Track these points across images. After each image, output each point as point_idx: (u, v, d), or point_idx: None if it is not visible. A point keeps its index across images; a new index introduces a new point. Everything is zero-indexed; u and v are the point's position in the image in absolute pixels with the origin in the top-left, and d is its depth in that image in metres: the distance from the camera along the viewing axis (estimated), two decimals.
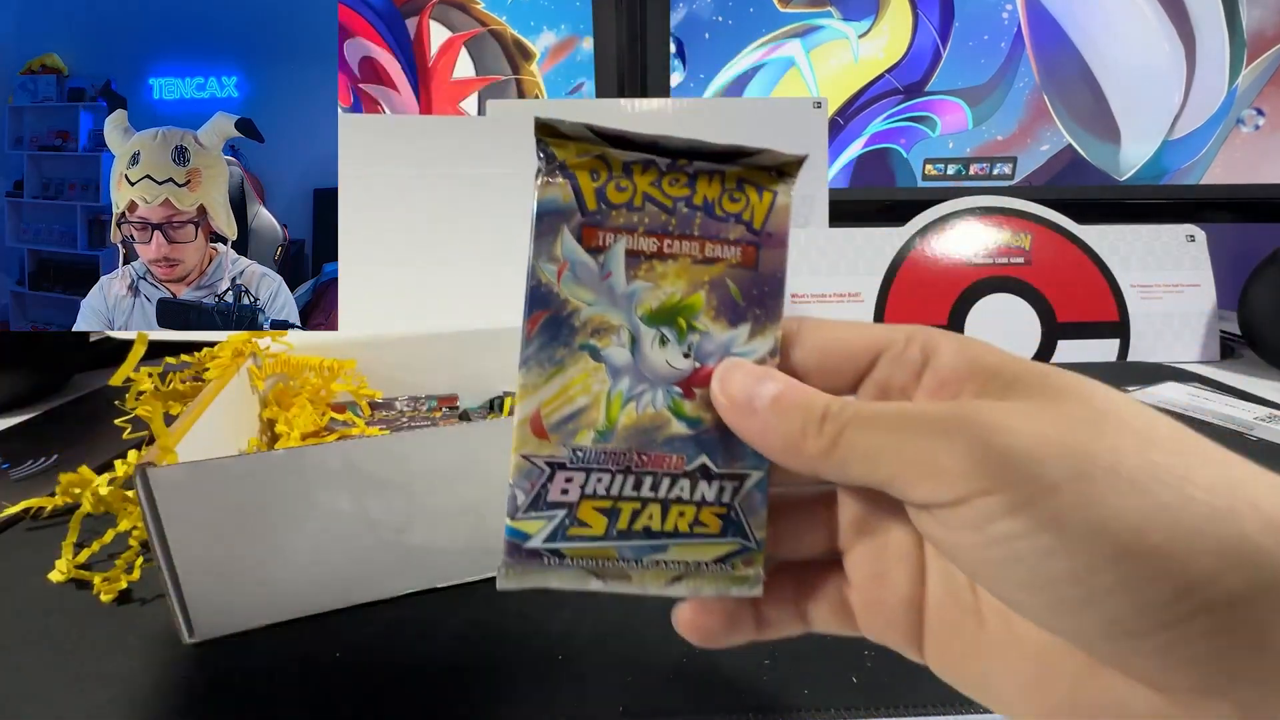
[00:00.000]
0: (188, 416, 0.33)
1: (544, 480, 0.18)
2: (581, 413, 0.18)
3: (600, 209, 0.18)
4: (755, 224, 0.19)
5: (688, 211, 0.18)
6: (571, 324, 0.18)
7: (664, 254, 0.18)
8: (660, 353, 0.18)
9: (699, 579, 0.18)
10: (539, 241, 0.18)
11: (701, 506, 0.18)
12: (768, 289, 0.19)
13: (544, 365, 0.18)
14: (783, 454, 0.17)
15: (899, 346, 0.18)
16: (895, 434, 0.15)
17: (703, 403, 0.18)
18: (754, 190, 0.19)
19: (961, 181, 0.90)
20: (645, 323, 0.18)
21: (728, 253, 0.18)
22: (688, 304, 0.18)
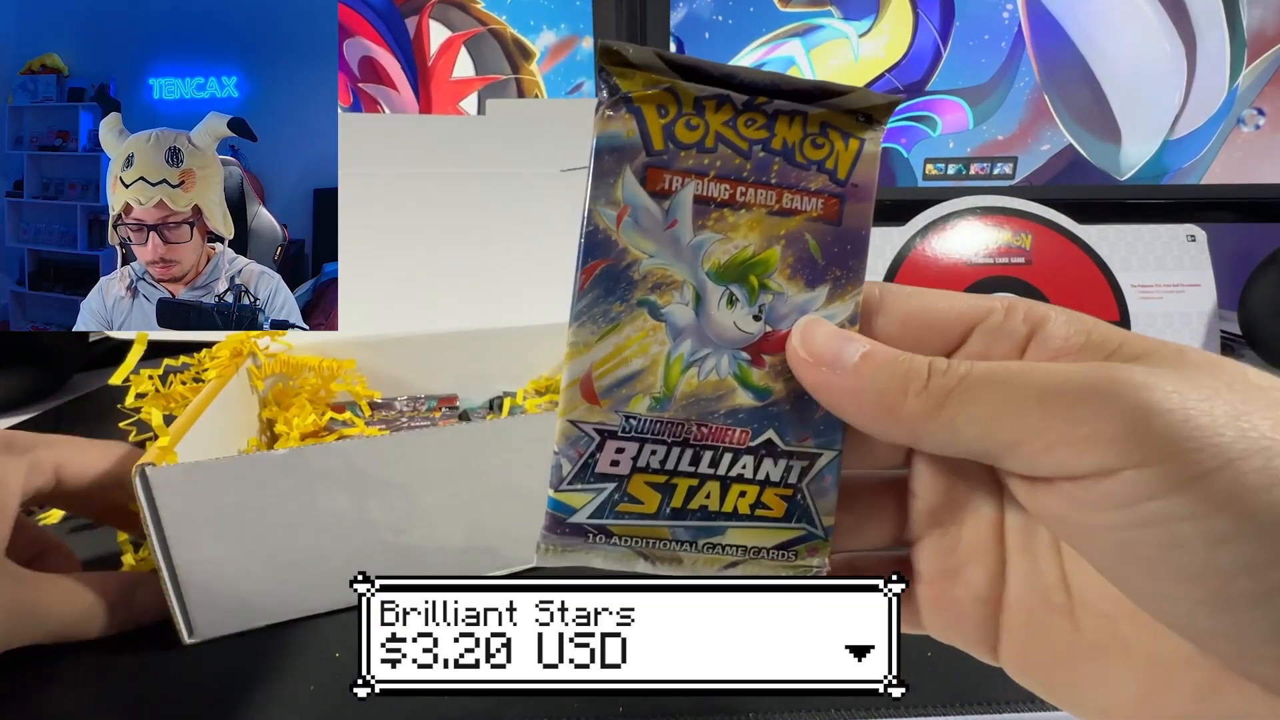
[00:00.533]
0: (188, 416, 0.33)
1: (593, 449, 0.17)
2: (637, 377, 0.16)
3: (667, 148, 0.16)
4: (839, 174, 0.17)
5: (765, 156, 0.16)
6: (630, 277, 0.16)
7: (736, 203, 0.16)
8: (728, 313, 0.16)
9: (757, 566, 0.17)
10: (597, 182, 0.16)
11: (765, 487, 0.17)
12: (850, 247, 0.17)
13: (597, 322, 0.16)
14: (876, 416, 0.15)
15: (997, 317, 0.16)
16: (1022, 395, 0.14)
17: (773, 372, 0.17)
18: (839, 136, 0.17)
19: (962, 181, 0.90)
20: (712, 279, 0.16)
21: (808, 204, 0.17)
22: (761, 260, 0.16)
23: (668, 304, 0.16)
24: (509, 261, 0.53)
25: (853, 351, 0.15)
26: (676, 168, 0.16)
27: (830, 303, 0.17)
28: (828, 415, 0.17)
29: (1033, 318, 0.16)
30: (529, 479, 0.34)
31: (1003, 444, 0.14)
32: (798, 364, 0.16)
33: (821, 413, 0.17)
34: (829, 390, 0.16)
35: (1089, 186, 0.89)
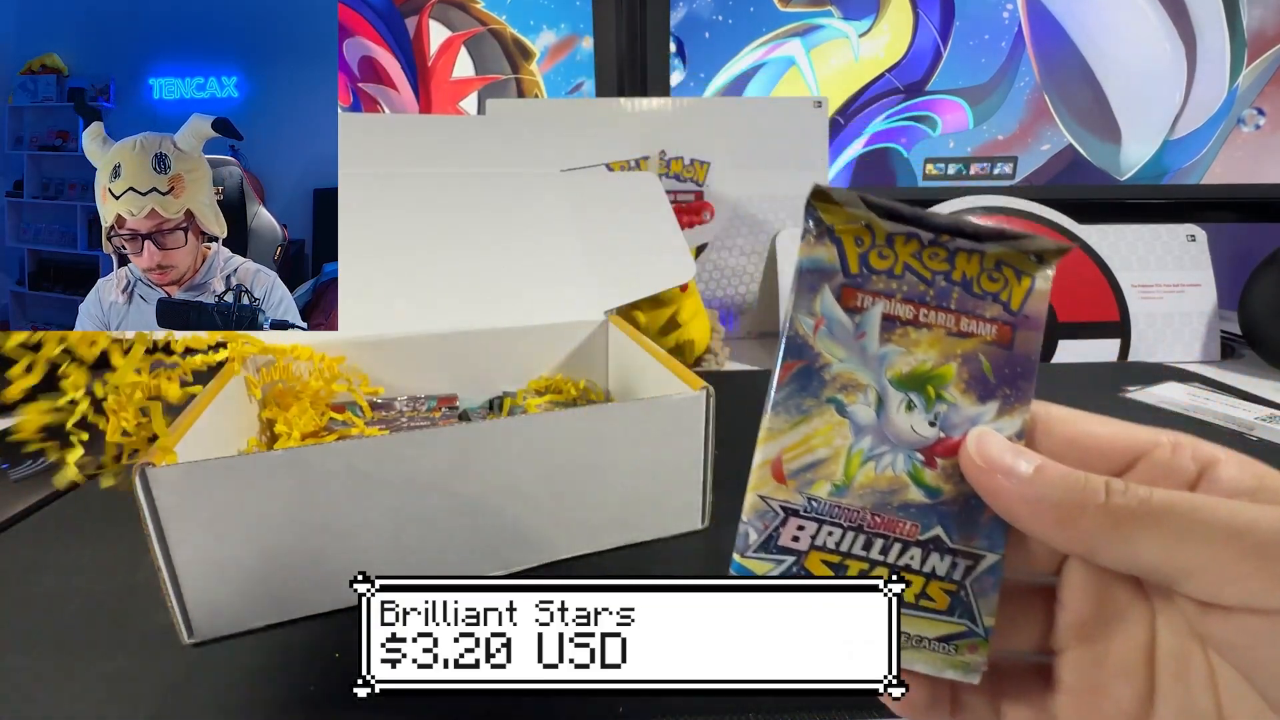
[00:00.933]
0: (187, 416, 0.33)
1: (777, 524, 0.18)
2: (821, 464, 0.18)
3: (862, 273, 0.19)
4: (1013, 305, 0.19)
5: (945, 285, 0.19)
6: (822, 377, 0.19)
7: (919, 322, 0.19)
8: (906, 417, 0.18)
9: (917, 653, 0.18)
10: (799, 296, 0.19)
11: (930, 579, 0.18)
12: (1020, 370, 0.19)
13: (790, 412, 0.19)
14: (1052, 525, 0.16)
15: (1164, 452, 0.17)
16: (1210, 526, 0.15)
17: (944, 474, 0.18)
18: (1012, 272, 0.19)
19: (962, 181, 0.89)
20: (894, 386, 0.19)
21: (983, 329, 0.19)
22: (939, 373, 0.19)
23: (853, 403, 0.19)
24: (509, 261, 0.53)
25: (1026, 463, 0.17)
26: (868, 289, 0.19)
27: (1000, 417, 0.18)
28: (993, 520, 0.18)
29: (1202, 457, 0.17)
30: (529, 479, 0.34)
31: (1184, 570, 0.15)
32: (972, 470, 0.18)
33: (987, 517, 0.18)
34: (1003, 496, 0.17)
35: (1089, 186, 0.89)
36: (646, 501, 0.37)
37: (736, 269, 0.81)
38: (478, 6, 0.87)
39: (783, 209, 0.80)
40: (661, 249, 0.57)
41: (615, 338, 0.51)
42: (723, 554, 0.34)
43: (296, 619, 0.32)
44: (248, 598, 0.30)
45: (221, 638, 0.31)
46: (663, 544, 0.37)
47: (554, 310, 0.51)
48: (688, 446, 0.37)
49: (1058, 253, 0.19)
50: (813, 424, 0.18)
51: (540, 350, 0.52)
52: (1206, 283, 0.73)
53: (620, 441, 0.35)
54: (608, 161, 0.65)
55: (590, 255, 0.55)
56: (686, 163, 0.79)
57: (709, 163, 0.79)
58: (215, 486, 0.29)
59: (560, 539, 0.36)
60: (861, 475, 0.18)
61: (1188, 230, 0.75)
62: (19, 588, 0.35)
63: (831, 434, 0.18)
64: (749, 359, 0.74)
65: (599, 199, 0.59)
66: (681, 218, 0.79)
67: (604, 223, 0.57)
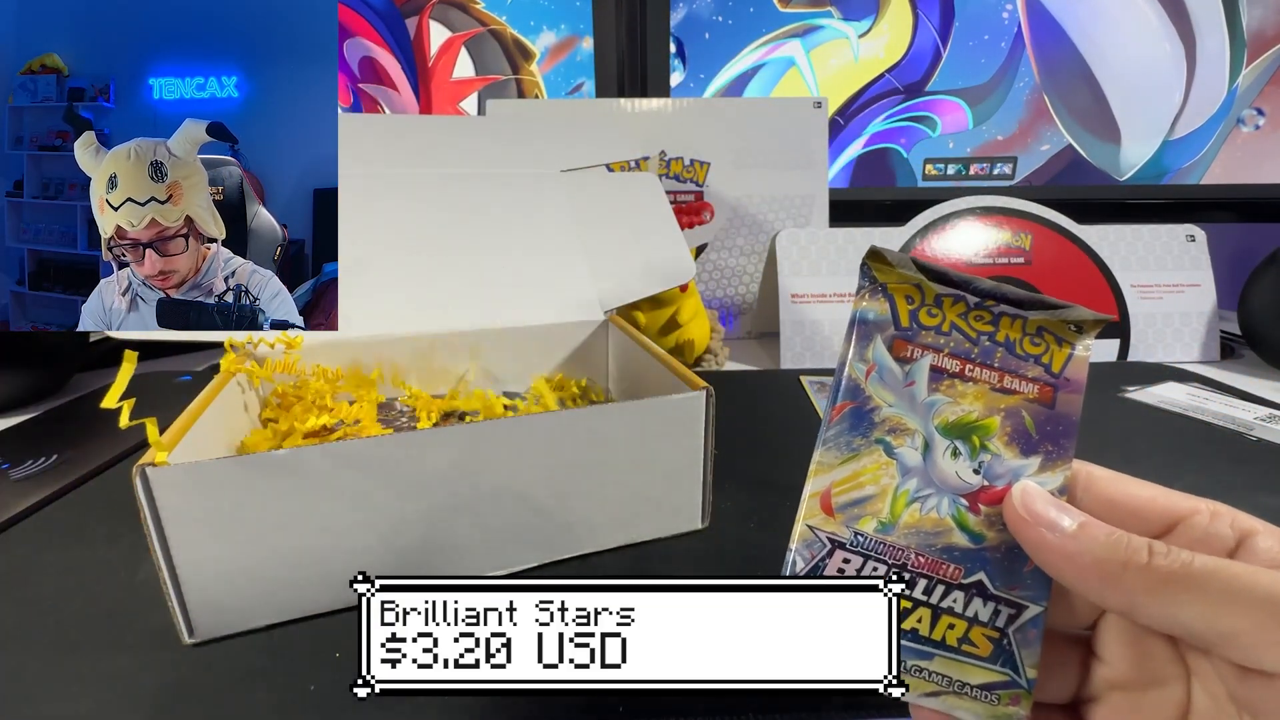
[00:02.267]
0: (188, 416, 0.33)
1: (824, 554, 0.19)
2: (868, 500, 0.19)
3: (912, 327, 0.20)
4: (1054, 368, 0.20)
5: (990, 345, 0.20)
6: (871, 419, 0.20)
7: (965, 376, 0.20)
8: (951, 463, 0.19)
9: (959, 700, 0.18)
10: (854, 343, 0.20)
11: (973, 625, 0.19)
12: (1062, 428, 0.19)
13: (841, 449, 0.19)
14: (1094, 581, 0.17)
15: (1202, 519, 0.18)
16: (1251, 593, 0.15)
17: (987, 521, 0.19)
18: (1053, 339, 0.20)
19: (961, 181, 0.90)
20: (940, 433, 0.19)
21: (1025, 388, 0.20)
22: (984, 424, 0.19)
23: (901, 446, 0.19)
24: (509, 261, 0.53)
25: (1070, 520, 0.17)
26: (918, 342, 0.20)
27: (1042, 472, 0.19)
28: (1036, 572, 0.19)
29: (1240, 527, 0.17)
30: (529, 479, 0.34)
31: (1224, 635, 0.15)
32: (1015, 521, 0.18)
33: (1030, 568, 0.19)
34: (1045, 550, 0.17)
35: (1089, 186, 0.89)
36: (646, 501, 0.37)
37: (736, 269, 0.81)
38: (478, 7, 0.87)
39: (783, 209, 0.80)
40: (661, 249, 0.57)
41: (615, 338, 0.51)
42: (723, 554, 0.34)
43: (296, 619, 0.32)
44: (248, 598, 0.30)
45: (221, 638, 0.31)
46: (663, 544, 0.37)
47: (554, 310, 0.51)
48: (688, 446, 0.37)
49: (1096, 324, 0.20)
50: (861, 462, 0.19)
51: (540, 350, 0.52)
52: (1206, 283, 0.73)
53: (620, 441, 0.35)
54: (608, 162, 0.65)
55: (590, 255, 0.55)
56: (686, 163, 0.79)
57: (709, 163, 0.79)
58: (215, 486, 0.29)
59: (560, 539, 0.36)
60: (907, 515, 0.19)
61: (1187, 230, 0.75)
62: (19, 588, 0.35)
63: (879, 473, 0.19)
64: (749, 359, 0.74)
65: (599, 199, 0.59)
66: (681, 218, 0.79)
67: (604, 223, 0.57)
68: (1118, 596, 0.16)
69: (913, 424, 0.19)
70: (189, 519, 0.29)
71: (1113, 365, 0.71)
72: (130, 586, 0.34)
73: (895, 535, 0.19)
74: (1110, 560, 0.16)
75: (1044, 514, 0.18)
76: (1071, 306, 0.20)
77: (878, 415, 0.19)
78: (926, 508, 0.19)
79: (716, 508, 0.39)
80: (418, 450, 0.32)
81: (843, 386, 0.20)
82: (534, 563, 0.35)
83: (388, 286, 0.49)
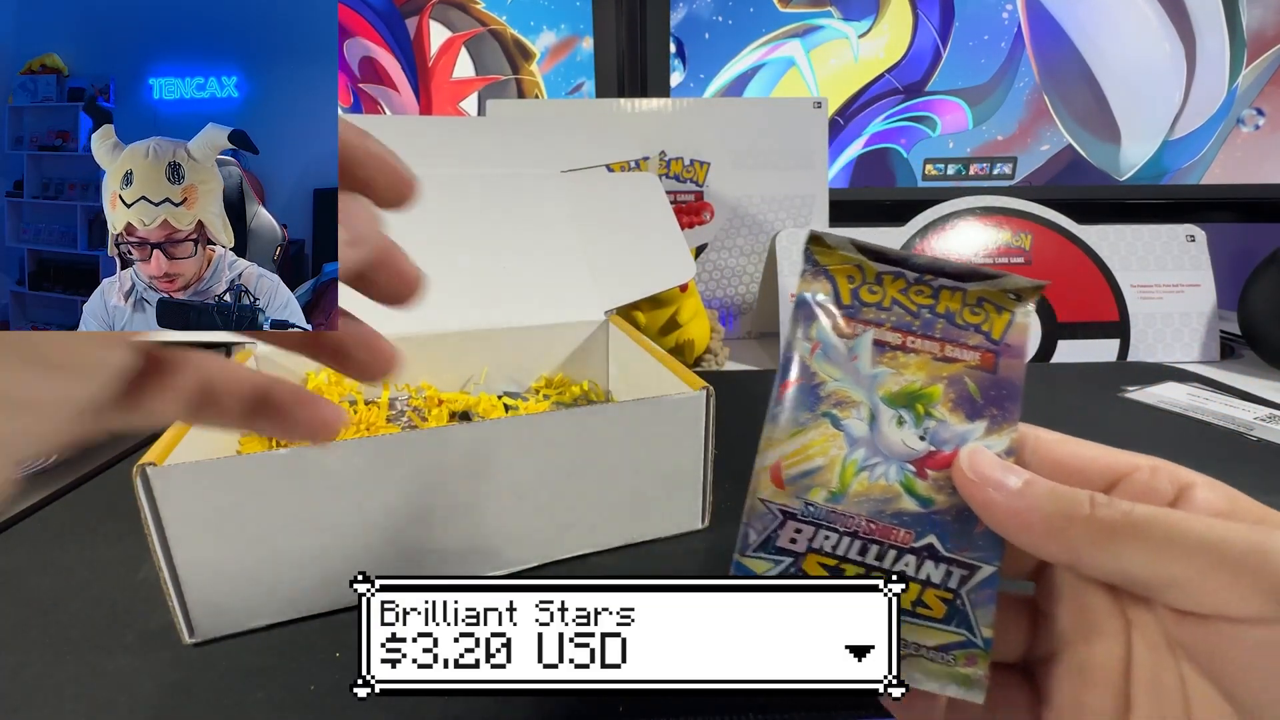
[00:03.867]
0: None
1: (775, 526, 0.19)
2: (817, 472, 0.19)
3: (854, 305, 0.21)
4: (994, 335, 0.20)
5: (931, 317, 0.21)
6: (817, 394, 0.20)
7: (907, 348, 0.20)
8: (897, 431, 0.20)
9: (915, 664, 0.19)
10: (797, 324, 0.21)
11: (926, 586, 0.19)
12: (1005, 393, 0.20)
13: (789, 424, 0.20)
14: (1040, 535, 0.17)
15: (1144, 475, 0.18)
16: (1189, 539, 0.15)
17: (935, 485, 0.19)
18: (992, 308, 0.21)
19: (961, 181, 0.90)
20: (885, 403, 0.20)
21: (967, 355, 0.20)
22: (927, 392, 0.20)
23: (847, 418, 0.20)
24: (509, 261, 0.53)
25: (1016, 478, 0.18)
26: (860, 319, 0.20)
27: (988, 435, 0.19)
28: (987, 533, 0.19)
29: (1179, 480, 0.18)
30: (529, 479, 0.34)
31: (1165, 579, 0.16)
32: (964, 483, 0.18)
33: (981, 529, 0.19)
34: (993, 509, 0.18)
35: (1089, 186, 0.89)
36: (646, 501, 0.37)
37: (736, 269, 0.81)
38: (478, 7, 0.87)
39: (783, 209, 0.80)
40: (661, 249, 0.57)
41: (615, 338, 0.51)
42: (723, 554, 0.34)
43: (296, 619, 0.32)
44: (248, 598, 0.30)
45: (221, 638, 0.31)
46: (663, 544, 0.37)
47: (554, 310, 0.51)
48: (688, 446, 0.37)
49: (1034, 290, 0.20)
50: (809, 435, 0.20)
51: (540, 350, 0.52)
52: (1206, 283, 0.73)
53: (620, 441, 0.35)
54: (608, 162, 0.65)
55: (590, 255, 0.55)
56: (686, 163, 0.79)
57: (709, 163, 0.79)
58: (215, 486, 0.29)
59: (560, 539, 0.36)
60: (856, 484, 0.19)
61: (1187, 230, 0.75)
62: (19, 588, 0.35)
63: (827, 445, 0.20)
64: (749, 359, 0.74)
65: (599, 199, 0.59)
66: (681, 218, 0.79)
67: (604, 223, 0.57)
68: (1063, 549, 0.17)
69: (858, 396, 0.20)
70: (189, 519, 0.29)
71: (1113, 365, 0.71)
72: (130, 586, 0.34)
73: (845, 504, 0.19)
74: (1055, 514, 0.17)
75: (990, 474, 0.18)
76: (1008, 276, 0.20)
77: (823, 390, 0.20)
78: (875, 475, 0.19)
79: (716, 508, 0.39)
80: (418, 450, 0.32)
81: (789, 365, 0.20)
82: (534, 563, 0.35)
83: None
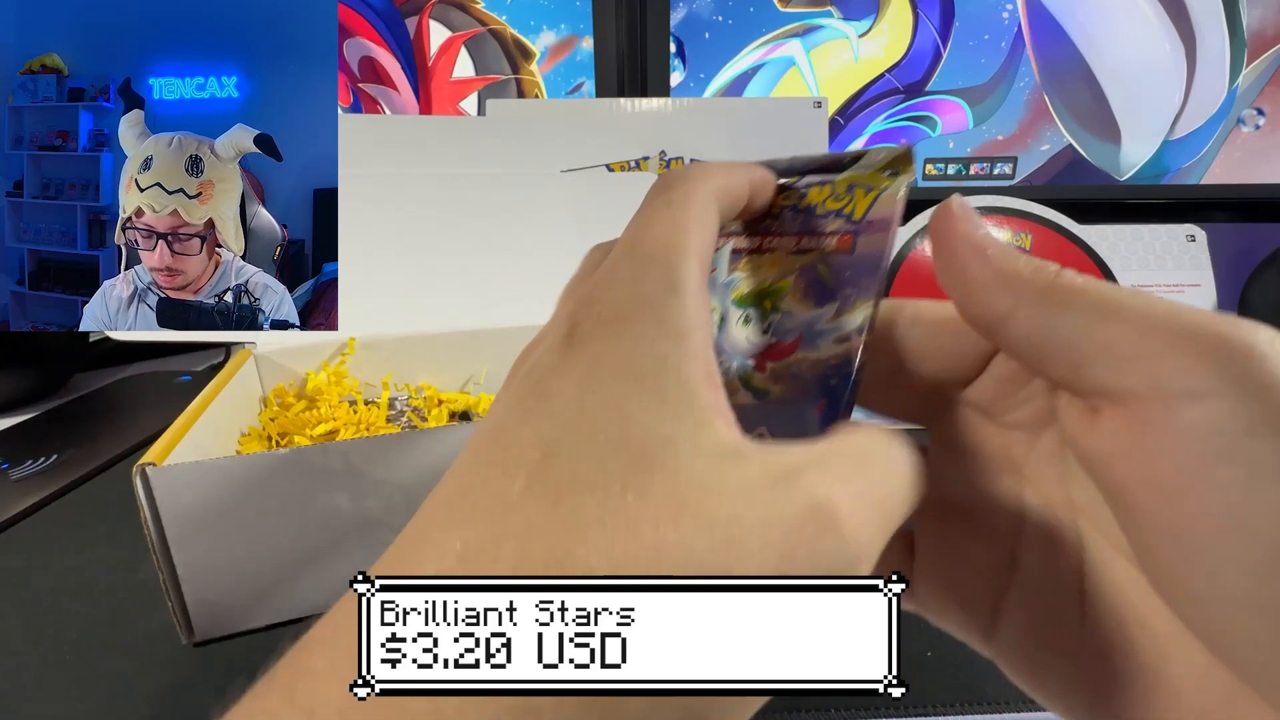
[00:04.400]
0: (188, 416, 0.33)
1: None
2: None
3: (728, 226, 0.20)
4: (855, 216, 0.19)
5: (791, 215, 0.20)
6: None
7: (763, 249, 0.20)
8: (742, 330, 0.20)
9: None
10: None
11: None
12: (862, 269, 0.19)
13: None
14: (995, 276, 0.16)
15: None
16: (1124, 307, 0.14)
17: (772, 376, 0.19)
18: (861, 190, 0.20)
19: (961, 181, 0.89)
20: (735, 305, 0.20)
21: (823, 243, 0.19)
22: (776, 288, 0.20)
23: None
24: (509, 261, 0.53)
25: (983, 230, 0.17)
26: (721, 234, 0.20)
27: (840, 316, 0.18)
28: (824, 418, 0.18)
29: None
30: None
31: (1096, 345, 0.14)
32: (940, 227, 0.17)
33: (817, 414, 0.18)
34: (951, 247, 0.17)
35: (1089, 186, 0.89)
36: None
37: None
38: (478, 7, 0.87)
39: None
40: None
41: None
42: None
43: (296, 619, 0.32)
44: (248, 598, 0.30)
45: (221, 638, 0.31)
46: None
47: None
48: None
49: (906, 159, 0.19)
50: None
51: None
52: (1206, 283, 0.73)
53: None
54: (608, 162, 0.65)
55: None
56: (686, 163, 0.79)
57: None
58: (215, 486, 0.29)
59: None
60: None
61: (1188, 230, 0.75)
62: (19, 588, 0.35)
63: None
64: None
65: (599, 199, 0.59)
66: None
67: (604, 223, 0.57)
68: (1005, 297, 0.16)
69: (718, 306, 0.20)
70: (189, 519, 0.29)
71: None
72: (130, 586, 0.34)
73: None
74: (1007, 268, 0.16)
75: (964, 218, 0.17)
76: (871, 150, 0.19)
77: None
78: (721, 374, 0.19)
79: None
80: (418, 450, 0.32)
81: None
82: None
83: (388, 286, 0.49)
